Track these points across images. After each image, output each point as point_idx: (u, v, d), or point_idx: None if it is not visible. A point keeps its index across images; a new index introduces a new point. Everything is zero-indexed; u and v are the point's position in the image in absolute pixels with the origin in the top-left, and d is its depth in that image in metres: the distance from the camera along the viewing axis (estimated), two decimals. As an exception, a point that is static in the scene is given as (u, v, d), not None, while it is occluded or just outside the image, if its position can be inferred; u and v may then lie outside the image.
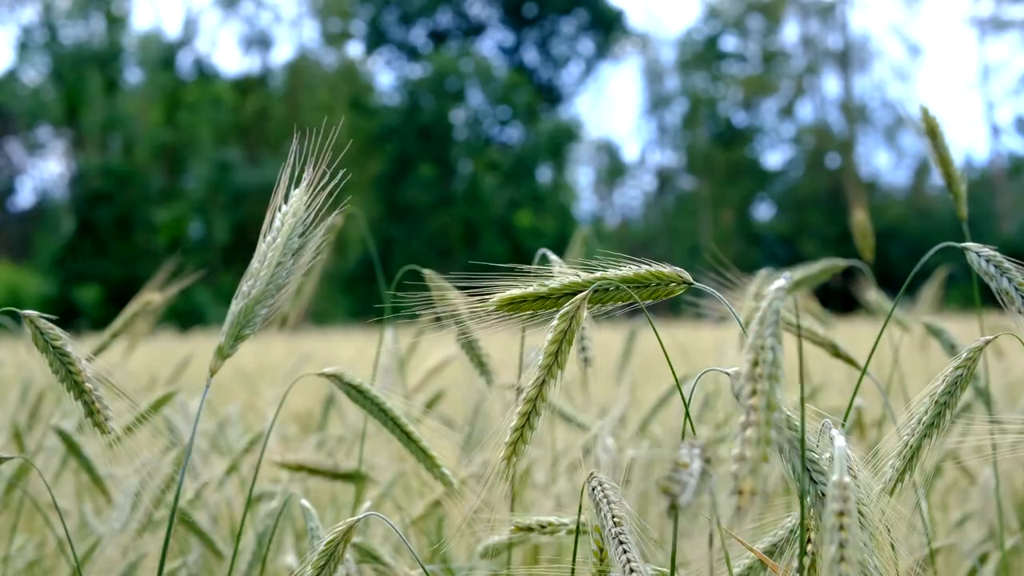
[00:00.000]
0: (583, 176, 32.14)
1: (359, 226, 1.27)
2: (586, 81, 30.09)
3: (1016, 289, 0.66)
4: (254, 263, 0.61)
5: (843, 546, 0.45)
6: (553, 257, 0.81)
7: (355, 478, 1.12)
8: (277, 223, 0.62)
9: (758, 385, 0.45)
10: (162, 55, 25.87)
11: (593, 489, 0.61)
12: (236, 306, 0.59)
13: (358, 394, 0.82)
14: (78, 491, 1.51)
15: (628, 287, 0.59)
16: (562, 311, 0.59)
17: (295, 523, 1.41)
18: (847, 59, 28.47)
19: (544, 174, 26.52)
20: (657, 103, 28.97)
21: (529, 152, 26.02)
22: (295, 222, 0.61)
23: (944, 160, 0.98)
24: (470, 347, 0.96)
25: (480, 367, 0.97)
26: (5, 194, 25.99)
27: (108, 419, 0.69)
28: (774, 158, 32.62)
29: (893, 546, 0.56)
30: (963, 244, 0.70)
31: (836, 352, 0.97)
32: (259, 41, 27.24)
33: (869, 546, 0.55)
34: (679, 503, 0.42)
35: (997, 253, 0.69)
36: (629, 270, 0.59)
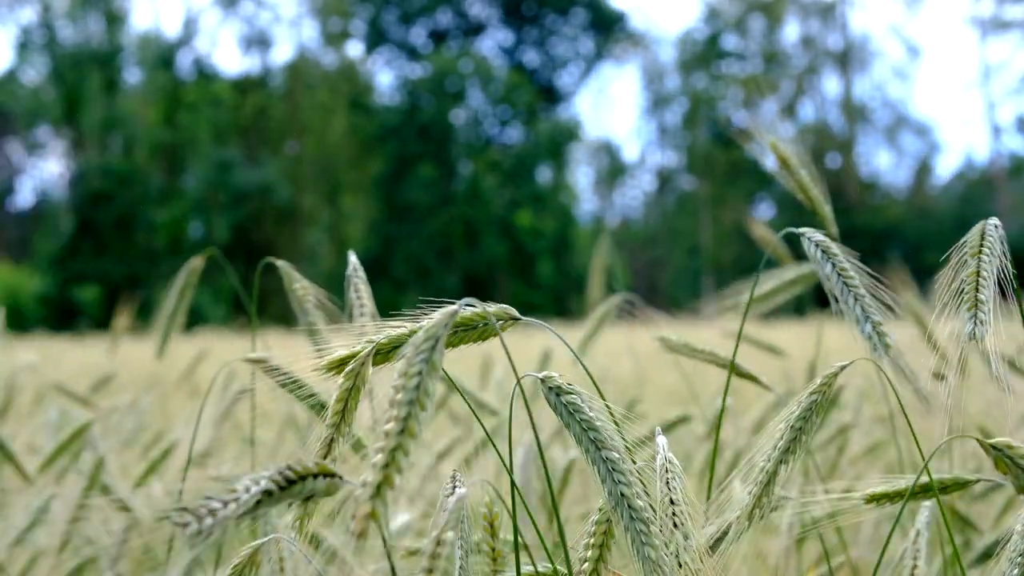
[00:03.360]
0: (583, 176, 32.15)
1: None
2: (586, 81, 30.10)
3: (839, 275, 0.66)
4: None
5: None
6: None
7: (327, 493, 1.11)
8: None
9: (396, 411, 0.45)
10: (161, 55, 25.86)
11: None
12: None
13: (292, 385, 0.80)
14: None
15: (457, 331, 0.59)
16: (347, 370, 0.59)
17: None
18: (847, 59, 28.47)
19: (544, 174, 26.53)
20: (657, 103, 28.98)
21: (529, 152, 26.02)
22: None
23: (803, 187, 1.00)
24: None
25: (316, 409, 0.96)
26: (5, 194, 25.99)
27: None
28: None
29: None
30: (801, 229, 0.70)
31: (738, 372, 0.96)
32: (259, 41, 27.24)
33: (683, 544, 0.55)
34: (191, 532, 0.43)
35: (827, 238, 0.68)
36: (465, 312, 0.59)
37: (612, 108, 43.11)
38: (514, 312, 0.60)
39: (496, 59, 27.96)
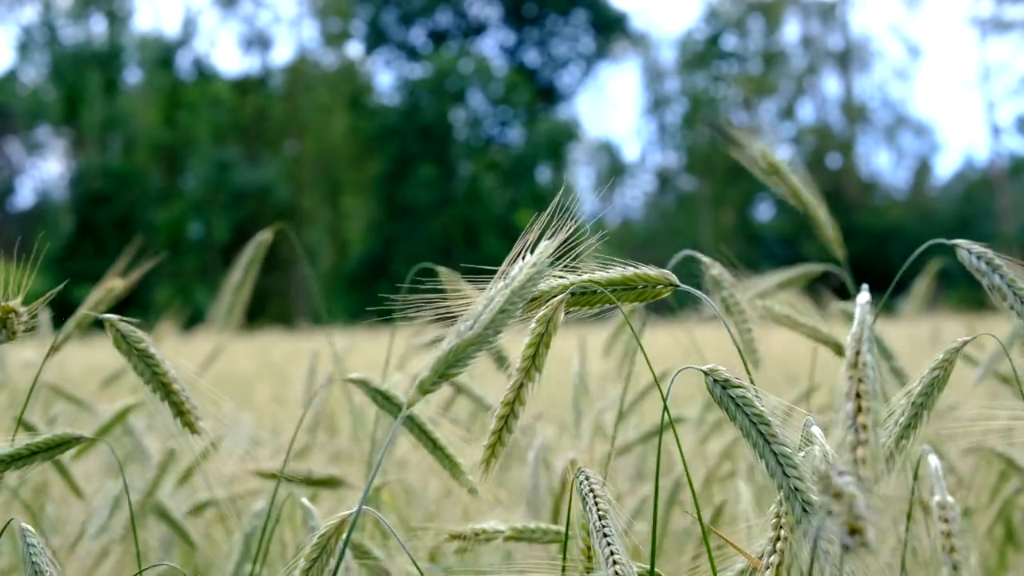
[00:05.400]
0: (583, 176, 32.14)
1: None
2: (586, 81, 30.10)
3: (1008, 286, 0.66)
4: (477, 305, 0.59)
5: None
6: None
7: (331, 483, 1.12)
8: (515, 271, 0.60)
9: (863, 403, 0.44)
10: (161, 55, 25.86)
11: (580, 484, 0.61)
12: (448, 344, 0.58)
13: (384, 400, 0.81)
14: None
15: (615, 289, 0.59)
16: (539, 315, 0.59)
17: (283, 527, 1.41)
18: (847, 59, 28.47)
19: (544, 174, 26.52)
20: (657, 103, 28.97)
21: (529, 152, 26.02)
22: (533, 272, 0.60)
23: (796, 193, 1.00)
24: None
25: (499, 361, 0.98)
26: (5, 194, 25.99)
27: (199, 419, 0.69)
28: (774, 158, 32.55)
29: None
30: (954, 241, 0.70)
31: (839, 350, 0.98)
32: (258, 41, 27.24)
33: None
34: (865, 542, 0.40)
35: (988, 250, 0.69)
36: (616, 273, 0.60)
37: (612, 108, 43.11)
38: (674, 279, 0.60)
39: (496, 59, 27.96)
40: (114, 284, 1.12)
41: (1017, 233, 21.76)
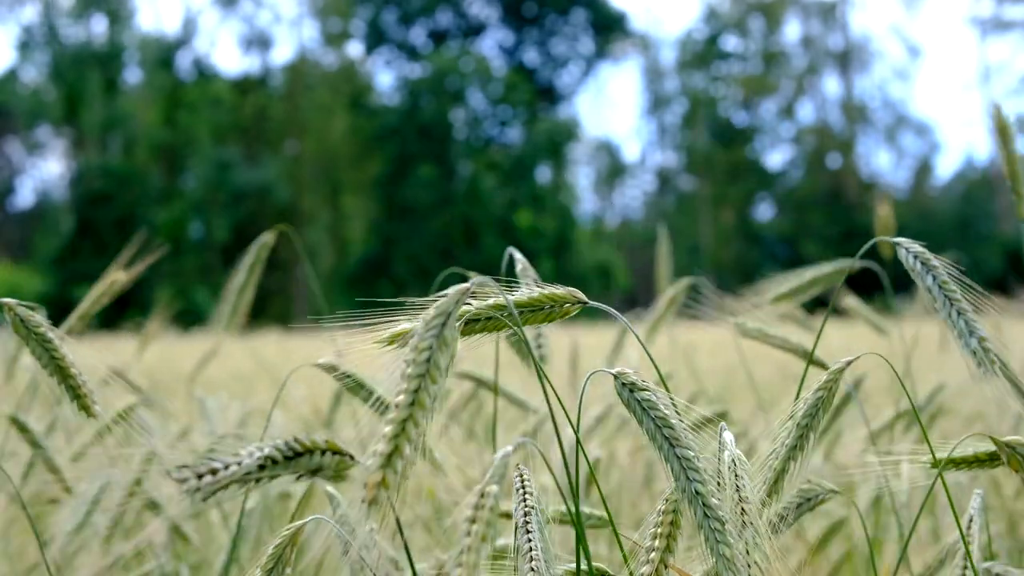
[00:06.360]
0: (583, 176, 32.15)
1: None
2: (586, 81, 30.10)
3: (940, 287, 0.65)
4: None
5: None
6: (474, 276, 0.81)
7: (336, 476, 1.11)
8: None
9: (406, 384, 0.47)
10: (161, 55, 25.86)
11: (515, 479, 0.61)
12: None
13: (359, 388, 0.81)
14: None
15: (524, 312, 0.59)
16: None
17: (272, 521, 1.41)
18: (847, 59, 28.47)
19: (544, 174, 26.54)
20: (657, 103, 28.98)
21: (529, 152, 26.03)
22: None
23: (1011, 159, 0.98)
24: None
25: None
26: (5, 194, 25.99)
27: (95, 402, 0.69)
28: (774, 158, 32.65)
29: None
30: (895, 239, 0.69)
31: (810, 358, 0.97)
32: (259, 41, 27.25)
33: (752, 544, 0.55)
34: (188, 487, 0.44)
35: (926, 250, 0.68)
36: (524, 294, 0.59)
37: (612, 108, 43.08)
38: (582, 296, 0.60)
39: (496, 59, 27.97)
40: (117, 278, 1.12)
41: (1016, 233, 21.74)
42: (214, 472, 0.44)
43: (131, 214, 23.17)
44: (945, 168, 42.27)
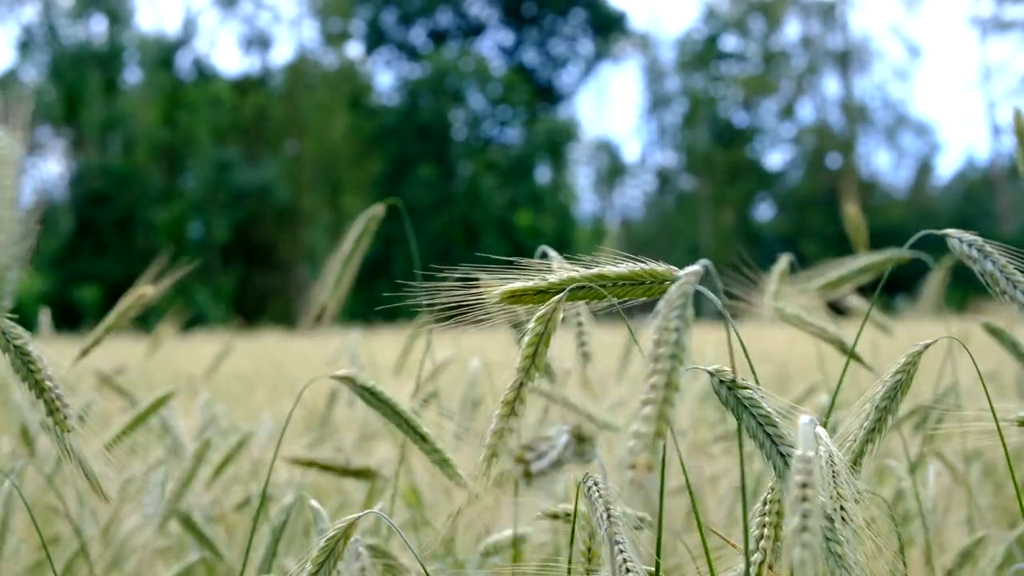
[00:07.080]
0: (583, 176, 32.15)
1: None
2: (586, 81, 30.09)
3: (1001, 271, 0.66)
4: None
5: (806, 516, 0.45)
6: (552, 253, 0.80)
7: (366, 475, 1.12)
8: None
9: (659, 365, 0.46)
10: (161, 55, 25.86)
11: (589, 488, 0.61)
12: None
13: (371, 396, 0.81)
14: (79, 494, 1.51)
15: (623, 285, 0.59)
16: (537, 314, 0.58)
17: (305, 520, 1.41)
18: (847, 59, 28.47)
19: (543, 174, 26.54)
20: (657, 103, 28.98)
21: (528, 152, 26.03)
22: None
23: None
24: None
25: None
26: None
27: (67, 417, 0.68)
28: (774, 158, 32.66)
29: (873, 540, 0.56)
30: (943, 231, 0.69)
31: (844, 349, 0.98)
32: (258, 41, 27.24)
33: (852, 542, 0.55)
34: (532, 470, 0.43)
35: (978, 238, 0.68)
36: (625, 267, 0.59)
37: (612, 108, 43.09)
38: (680, 274, 0.60)
39: (496, 59, 27.97)
40: (145, 291, 1.11)
41: (1017, 233, 21.75)
42: (543, 455, 0.44)
43: (131, 214, 23.17)
44: (945, 168, 42.27)
